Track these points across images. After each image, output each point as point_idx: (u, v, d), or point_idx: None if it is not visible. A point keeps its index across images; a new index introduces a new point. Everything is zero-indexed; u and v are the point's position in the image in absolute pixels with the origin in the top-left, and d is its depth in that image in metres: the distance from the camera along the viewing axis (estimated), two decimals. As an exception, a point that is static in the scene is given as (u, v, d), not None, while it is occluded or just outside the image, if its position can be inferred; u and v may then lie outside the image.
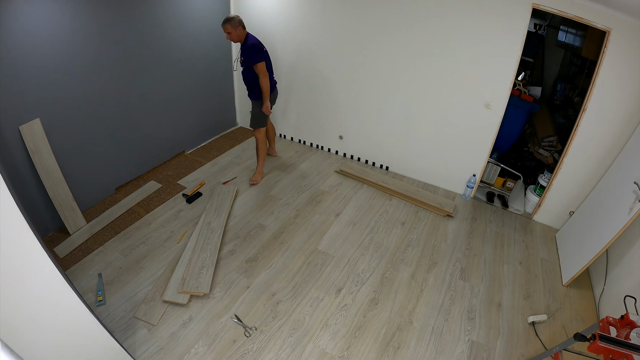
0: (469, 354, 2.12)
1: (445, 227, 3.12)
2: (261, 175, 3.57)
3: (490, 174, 3.64)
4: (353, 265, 2.66)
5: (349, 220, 3.11)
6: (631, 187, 2.27)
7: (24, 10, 2.28)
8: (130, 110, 3.22)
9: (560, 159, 2.95)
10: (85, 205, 3.04)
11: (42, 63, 2.46)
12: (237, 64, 3.30)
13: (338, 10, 3.37)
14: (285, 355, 2.05)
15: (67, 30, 2.55)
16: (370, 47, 3.38)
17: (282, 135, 4.44)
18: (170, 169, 3.71)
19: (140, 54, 3.14)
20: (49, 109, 2.58)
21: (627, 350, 1.46)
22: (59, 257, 2.59)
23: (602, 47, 2.50)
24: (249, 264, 2.62)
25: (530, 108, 3.44)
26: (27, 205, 2.55)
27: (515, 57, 2.80)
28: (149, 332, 2.13)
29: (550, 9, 2.57)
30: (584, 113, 2.71)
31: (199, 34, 3.65)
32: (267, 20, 3.77)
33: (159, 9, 3.17)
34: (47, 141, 2.56)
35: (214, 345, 2.08)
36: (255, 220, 3.04)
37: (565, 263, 2.77)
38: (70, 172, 2.80)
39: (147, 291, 2.37)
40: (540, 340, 2.22)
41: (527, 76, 3.87)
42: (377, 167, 3.96)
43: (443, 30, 2.99)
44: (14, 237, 1.16)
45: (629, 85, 2.51)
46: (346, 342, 2.14)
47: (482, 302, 2.45)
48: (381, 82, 3.49)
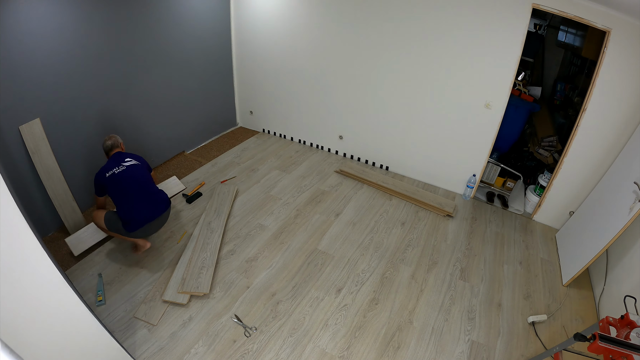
0: (469, 354, 2.12)
1: (445, 227, 3.12)
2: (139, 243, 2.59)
3: (490, 174, 3.64)
4: (353, 265, 2.66)
5: (349, 220, 3.11)
6: (631, 187, 2.27)
7: (24, 10, 2.28)
8: (130, 110, 3.22)
9: (560, 159, 2.95)
10: (86, 205, 3.04)
11: (42, 63, 2.46)
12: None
13: (338, 11, 3.37)
14: (285, 355, 2.05)
15: (67, 31, 2.55)
16: (370, 48, 3.38)
17: (282, 135, 4.44)
18: (170, 169, 3.71)
19: (140, 54, 3.14)
20: (49, 109, 2.58)
21: (627, 350, 1.46)
22: (74, 255, 2.58)
23: (602, 47, 2.50)
24: (249, 264, 2.62)
25: (530, 108, 3.44)
26: (27, 205, 2.55)
27: (515, 57, 2.80)
28: (149, 332, 2.13)
29: (550, 9, 2.57)
30: (584, 113, 2.71)
31: (199, 34, 3.65)
32: (267, 21, 3.77)
33: (159, 9, 3.17)
34: (47, 141, 2.56)
35: (214, 345, 2.08)
36: (255, 220, 3.04)
37: (565, 263, 2.77)
38: (70, 172, 2.80)
39: (147, 291, 2.37)
40: (540, 340, 2.22)
41: (527, 76, 3.87)
42: (377, 167, 3.96)
43: (443, 30, 3.00)
44: (14, 237, 1.16)
45: (629, 85, 2.51)
46: (346, 342, 2.14)
47: (482, 302, 2.45)
48: (381, 82, 3.49)
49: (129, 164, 2.49)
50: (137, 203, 2.43)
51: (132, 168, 2.49)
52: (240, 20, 3.95)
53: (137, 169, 2.51)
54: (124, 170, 2.44)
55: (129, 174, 2.45)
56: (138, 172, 2.50)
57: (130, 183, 2.44)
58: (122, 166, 2.45)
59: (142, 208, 2.44)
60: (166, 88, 3.51)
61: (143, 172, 2.54)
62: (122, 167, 2.45)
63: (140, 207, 2.43)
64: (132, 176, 2.45)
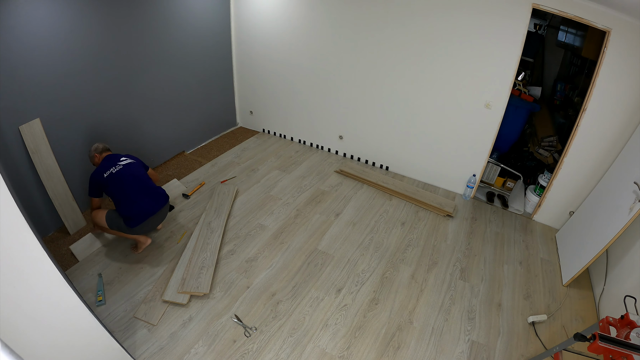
0: (469, 354, 2.12)
1: (445, 227, 3.12)
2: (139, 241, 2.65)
3: (490, 174, 3.64)
4: (353, 265, 2.66)
5: (349, 220, 3.11)
6: (631, 187, 2.27)
7: (24, 10, 2.28)
8: (130, 110, 3.22)
9: (560, 159, 2.96)
10: (86, 206, 3.04)
11: (42, 63, 2.46)
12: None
13: (338, 11, 3.37)
14: (285, 355, 2.05)
15: (67, 31, 2.55)
16: (370, 48, 3.38)
17: (282, 135, 4.44)
18: (170, 169, 3.71)
19: (140, 54, 3.14)
20: (49, 109, 2.58)
21: (627, 350, 1.46)
22: (77, 259, 2.59)
23: (602, 47, 2.50)
24: (249, 264, 2.62)
25: (530, 108, 3.44)
26: (27, 205, 2.55)
27: (515, 57, 2.80)
28: (149, 332, 2.13)
29: (550, 9, 2.57)
30: (584, 113, 2.71)
31: (199, 34, 3.65)
32: (267, 21, 3.77)
33: (159, 9, 3.17)
34: (47, 141, 2.56)
35: (214, 345, 2.08)
36: (255, 220, 3.04)
37: (565, 263, 2.77)
38: (70, 172, 2.80)
39: (147, 291, 2.37)
40: (540, 340, 2.22)
41: (527, 76, 3.88)
42: (377, 167, 3.96)
43: (443, 30, 3.00)
44: (14, 237, 1.16)
45: (629, 85, 2.51)
46: (346, 342, 2.14)
47: (482, 302, 2.45)
48: (381, 82, 3.49)
49: (125, 162, 2.52)
50: (138, 198, 2.46)
51: (129, 166, 2.53)
52: (240, 20, 3.95)
53: (134, 167, 2.55)
54: (121, 169, 2.47)
55: (127, 172, 2.48)
56: (136, 169, 2.54)
57: (130, 180, 2.47)
58: (119, 165, 2.48)
59: (143, 203, 2.48)
60: (166, 88, 3.51)
61: (140, 169, 2.59)
62: (119, 166, 2.48)
63: (141, 202, 2.47)
64: (131, 173, 2.49)
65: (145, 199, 2.49)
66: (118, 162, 2.50)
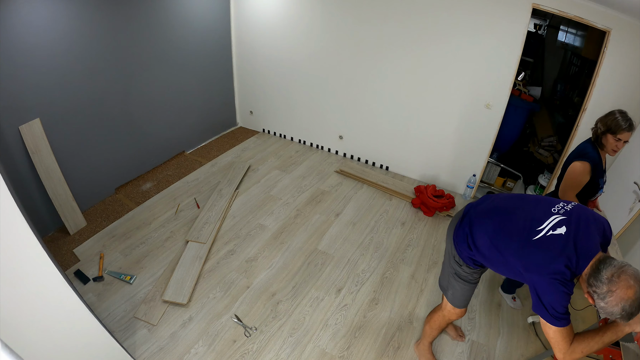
0: (469, 354, 2.12)
1: (445, 227, 3.12)
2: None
3: (490, 174, 3.64)
4: (353, 265, 2.66)
5: (349, 220, 3.11)
6: (631, 187, 2.27)
7: (24, 10, 2.28)
8: (130, 110, 3.21)
9: (560, 159, 2.96)
10: (85, 205, 3.04)
11: (42, 63, 2.46)
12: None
13: (338, 11, 3.37)
14: (285, 355, 2.05)
15: (67, 31, 2.55)
16: (370, 47, 3.38)
17: (282, 135, 4.44)
18: (170, 169, 3.71)
19: (140, 54, 3.14)
20: (49, 109, 2.58)
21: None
22: (78, 260, 2.59)
23: (602, 47, 2.51)
24: (249, 264, 2.62)
25: (530, 108, 3.44)
26: (27, 205, 2.55)
27: (515, 57, 2.80)
28: (149, 332, 2.13)
29: (550, 9, 2.57)
30: (584, 113, 2.71)
31: (199, 34, 3.65)
32: (267, 21, 3.77)
33: (159, 9, 3.17)
34: (47, 141, 2.56)
35: (214, 345, 2.08)
36: (255, 220, 3.04)
37: (565, 263, 2.76)
38: (70, 172, 2.80)
39: (147, 291, 2.37)
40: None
41: (527, 76, 3.88)
42: (377, 167, 3.96)
43: (443, 30, 2.99)
44: (14, 237, 1.16)
45: (629, 85, 2.51)
46: (346, 342, 2.14)
47: (482, 302, 2.45)
48: (381, 82, 3.49)
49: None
50: None
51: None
52: (240, 20, 3.95)
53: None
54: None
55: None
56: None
57: None
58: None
59: None
60: (166, 88, 3.51)
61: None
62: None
63: None
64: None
65: None
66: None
